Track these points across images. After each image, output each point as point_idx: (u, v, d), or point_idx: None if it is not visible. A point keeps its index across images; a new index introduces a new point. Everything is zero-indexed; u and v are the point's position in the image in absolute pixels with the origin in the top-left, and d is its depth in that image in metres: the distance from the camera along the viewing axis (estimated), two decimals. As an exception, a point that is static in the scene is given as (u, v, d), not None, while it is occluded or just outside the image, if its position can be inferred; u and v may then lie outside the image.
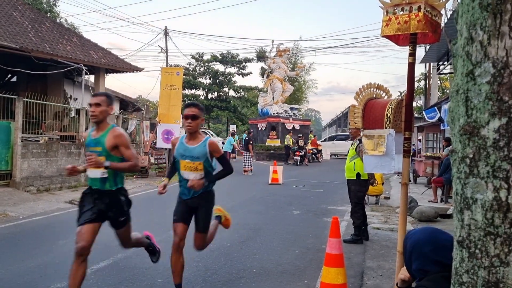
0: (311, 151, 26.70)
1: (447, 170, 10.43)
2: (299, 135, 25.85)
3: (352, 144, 7.14)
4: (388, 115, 3.95)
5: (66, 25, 23.99)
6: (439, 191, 11.03)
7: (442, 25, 3.96)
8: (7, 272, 4.98)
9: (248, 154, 18.52)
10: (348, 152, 7.23)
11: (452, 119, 1.08)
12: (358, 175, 6.85)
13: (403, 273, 1.91)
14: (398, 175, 15.89)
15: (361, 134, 4.33)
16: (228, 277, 4.98)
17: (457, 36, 1.13)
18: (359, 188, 6.92)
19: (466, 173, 1.06)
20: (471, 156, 1.05)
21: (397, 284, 1.98)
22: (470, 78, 1.04)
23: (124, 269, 5.19)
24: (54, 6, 26.37)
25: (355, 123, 4.21)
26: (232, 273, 5.12)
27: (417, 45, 3.99)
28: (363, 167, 4.40)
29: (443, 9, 3.85)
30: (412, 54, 3.92)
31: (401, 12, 3.63)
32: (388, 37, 4.02)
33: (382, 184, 10.97)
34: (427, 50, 17.16)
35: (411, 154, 3.97)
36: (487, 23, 1.00)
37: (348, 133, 20.93)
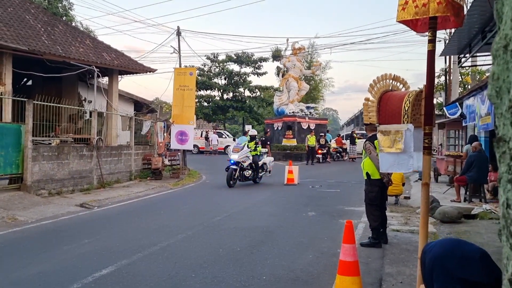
0: (335, 150, 26.77)
1: (470, 168, 9.92)
2: (321, 134, 25.93)
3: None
4: (406, 108, 3.59)
5: (82, 28, 24.06)
6: (462, 190, 10.50)
7: (466, 8, 3.57)
8: (5, 280, 4.77)
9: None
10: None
11: (497, 91, 0.73)
12: (367, 174, 6.56)
13: None
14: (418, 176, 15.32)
15: (377, 130, 3.95)
16: (235, 285, 4.66)
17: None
18: (370, 188, 6.62)
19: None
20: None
21: None
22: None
23: (127, 276, 4.92)
24: (69, 10, 26.56)
25: (370, 118, 3.85)
26: (240, 281, 4.80)
27: (437, 31, 3.61)
28: (380, 166, 4.02)
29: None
30: (432, 41, 3.54)
31: (419, -6, 3.26)
32: (405, 22, 3.66)
33: (403, 184, 10.47)
34: (447, 42, 16.52)
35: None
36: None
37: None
